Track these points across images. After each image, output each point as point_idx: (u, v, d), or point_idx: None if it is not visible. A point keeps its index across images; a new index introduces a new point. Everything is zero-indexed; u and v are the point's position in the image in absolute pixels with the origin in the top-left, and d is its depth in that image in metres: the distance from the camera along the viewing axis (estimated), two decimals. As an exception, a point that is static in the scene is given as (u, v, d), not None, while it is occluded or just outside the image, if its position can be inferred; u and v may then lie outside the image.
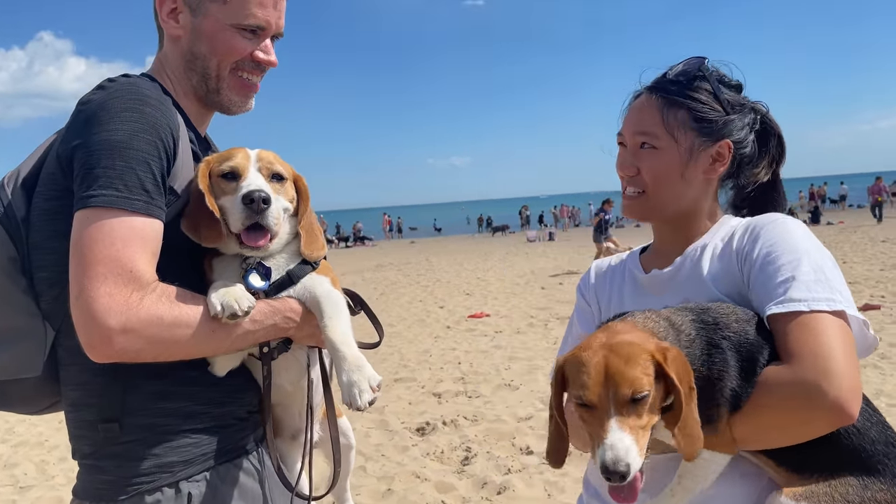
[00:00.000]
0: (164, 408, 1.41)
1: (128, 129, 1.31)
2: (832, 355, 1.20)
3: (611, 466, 1.11)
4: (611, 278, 1.71)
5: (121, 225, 1.28)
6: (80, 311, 1.25)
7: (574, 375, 1.19)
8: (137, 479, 1.37)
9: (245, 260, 1.47)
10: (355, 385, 1.36)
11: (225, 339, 1.37)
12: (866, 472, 1.25)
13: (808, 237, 1.40)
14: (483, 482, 4.68)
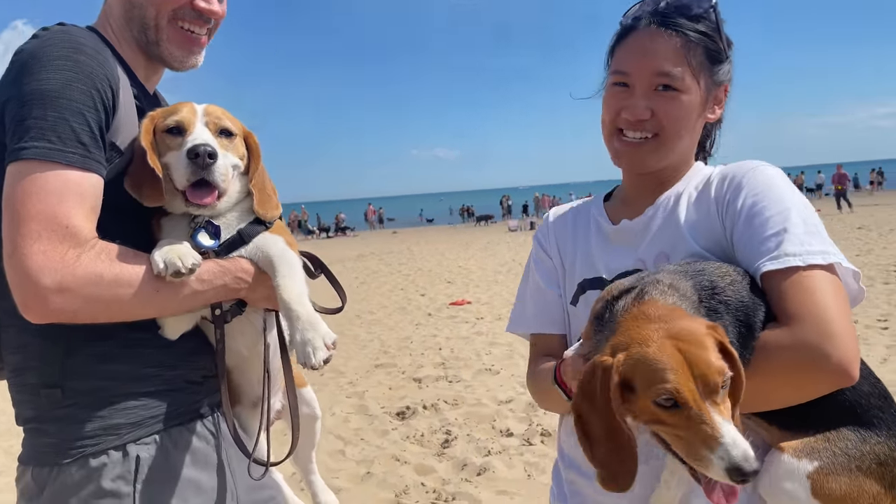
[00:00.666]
0: (110, 370, 1.35)
1: (61, 79, 1.24)
2: (832, 316, 1.15)
3: (746, 466, 0.97)
4: (572, 228, 1.60)
5: (55, 178, 1.21)
6: (13, 270, 1.19)
7: (648, 376, 1.03)
8: (81, 441, 1.31)
9: (193, 219, 1.41)
10: (309, 343, 1.30)
11: (171, 299, 1.31)
12: (863, 425, 1.22)
13: (790, 186, 1.34)
14: (463, 464, 4.65)
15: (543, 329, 1.56)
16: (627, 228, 1.46)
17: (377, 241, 32.80)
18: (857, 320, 7.76)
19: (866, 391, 1.24)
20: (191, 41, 1.52)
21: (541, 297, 1.58)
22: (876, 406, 1.23)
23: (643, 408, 1.06)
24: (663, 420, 1.04)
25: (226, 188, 1.40)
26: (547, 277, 1.58)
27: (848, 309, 1.21)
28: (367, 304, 12.36)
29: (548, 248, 1.61)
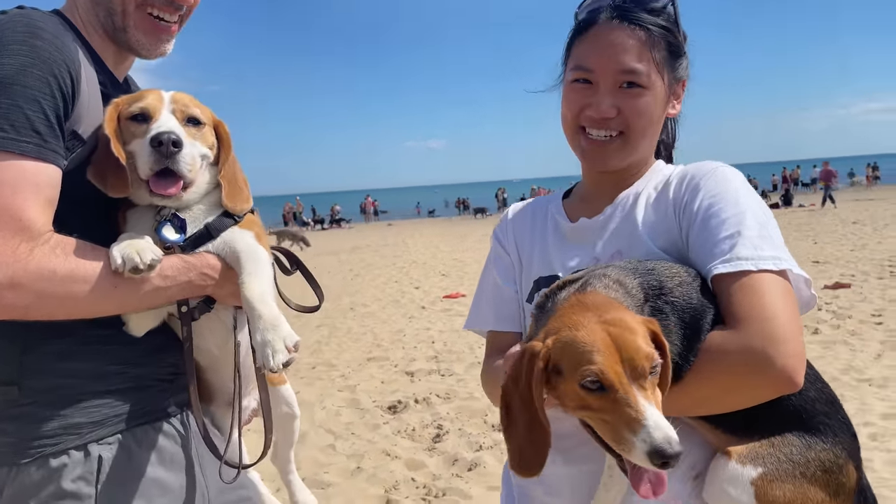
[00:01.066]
0: (69, 368, 1.30)
1: (15, 64, 1.18)
2: (779, 320, 1.13)
3: (668, 449, 0.95)
4: (530, 224, 1.56)
5: (9, 169, 1.15)
6: None
7: (575, 358, 1.03)
8: (40, 441, 1.26)
9: (159, 211, 1.36)
10: (269, 345, 1.25)
11: (130, 295, 1.26)
12: (808, 431, 1.20)
13: (748, 189, 1.32)
14: (454, 459, 4.61)
15: (499, 326, 1.54)
16: (585, 227, 1.43)
17: (372, 233, 32.73)
18: (852, 315, 7.76)
19: (812, 396, 1.21)
20: (159, 29, 1.46)
21: (497, 294, 1.56)
22: (822, 412, 1.21)
23: (570, 391, 1.04)
24: (590, 404, 1.04)
25: (192, 178, 1.34)
26: (504, 274, 1.55)
27: (797, 314, 1.18)
28: (360, 297, 12.31)
29: (506, 245, 1.58)
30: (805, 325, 7.50)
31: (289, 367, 1.26)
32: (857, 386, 5.41)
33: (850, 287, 9.45)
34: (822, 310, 8.16)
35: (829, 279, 10.14)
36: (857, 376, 5.65)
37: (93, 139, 1.33)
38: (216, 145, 1.43)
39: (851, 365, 5.95)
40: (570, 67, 1.42)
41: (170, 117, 1.34)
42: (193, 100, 1.41)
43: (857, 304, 8.41)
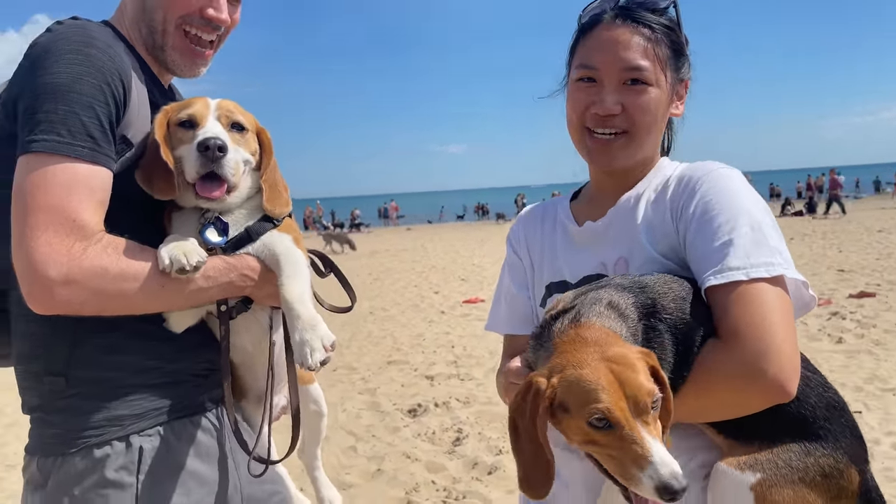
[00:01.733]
0: (114, 361, 1.36)
1: (71, 72, 1.24)
2: (771, 331, 1.15)
3: (675, 484, 0.98)
4: (541, 228, 1.58)
5: (63, 171, 1.21)
6: (20, 261, 1.20)
7: (581, 396, 1.05)
8: (85, 432, 1.32)
9: (203, 214, 1.41)
10: (307, 344, 1.30)
11: (176, 294, 1.31)
12: (808, 437, 1.22)
13: (746, 189, 1.32)
14: (474, 462, 4.63)
15: (514, 330, 1.57)
16: (590, 230, 1.44)
17: (391, 237, 32.84)
18: (876, 325, 7.67)
19: (812, 403, 1.23)
20: (195, 53, 1.52)
21: (512, 299, 1.59)
22: (823, 417, 1.23)
23: (577, 428, 1.07)
24: (596, 440, 1.06)
25: (236, 182, 1.39)
26: (518, 281, 1.58)
27: (790, 323, 1.19)
28: (380, 301, 12.37)
29: (518, 250, 1.61)
30: (829, 334, 7.44)
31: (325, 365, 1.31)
32: (882, 395, 5.36)
33: (874, 296, 9.33)
34: (846, 319, 8.08)
35: (854, 288, 10.02)
36: (882, 386, 5.60)
37: (141, 144, 1.39)
38: (258, 151, 1.48)
39: (876, 374, 5.89)
40: (575, 66, 1.43)
41: (215, 123, 1.39)
42: (238, 107, 1.46)
43: (881, 313, 8.31)
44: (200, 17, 1.47)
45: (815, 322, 8.04)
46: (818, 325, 7.91)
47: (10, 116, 1.29)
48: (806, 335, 7.45)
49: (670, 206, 1.34)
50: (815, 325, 7.87)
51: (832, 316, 8.28)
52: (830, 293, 9.83)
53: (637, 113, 1.35)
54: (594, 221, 1.44)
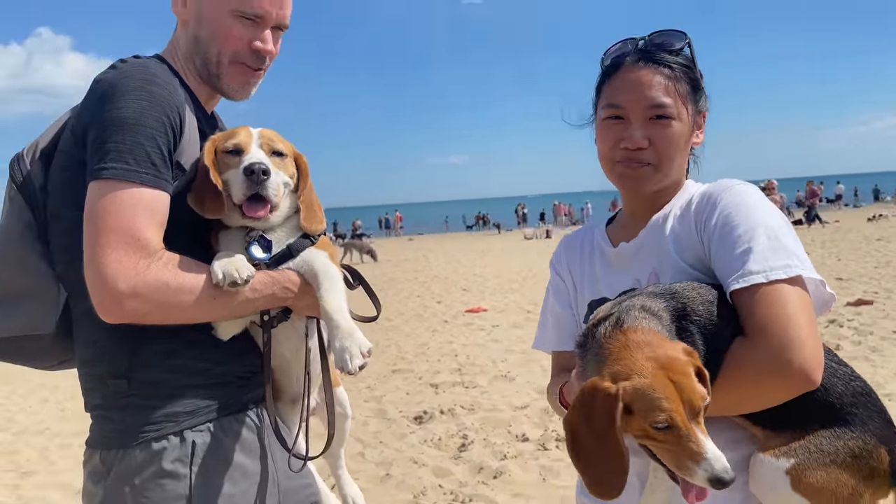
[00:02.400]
0: (170, 364, 1.50)
1: (137, 107, 1.39)
2: (793, 325, 1.27)
3: (726, 476, 1.13)
4: (580, 252, 1.72)
5: (130, 196, 1.36)
6: (92, 276, 1.34)
7: (647, 403, 1.17)
8: (145, 427, 1.46)
9: (248, 233, 1.55)
10: (347, 351, 1.44)
11: (226, 305, 1.46)
12: (837, 423, 1.33)
13: (762, 202, 1.45)
14: (479, 467, 4.76)
15: (561, 347, 1.70)
16: (624, 251, 1.59)
17: (393, 247, 32.99)
18: (873, 332, 7.80)
19: (839, 391, 1.35)
20: (248, 74, 1.67)
21: (557, 318, 1.73)
22: (849, 404, 1.34)
23: (638, 427, 1.20)
24: (655, 437, 1.19)
25: (277, 202, 1.54)
26: (562, 301, 1.72)
27: (811, 317, 1.31)
28: (384, 311, 12.35)
29: (561, 273, 1.75)
30: (827, 341, 7.54)
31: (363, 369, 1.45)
32: (877, 401, 5.48)
33: (872, 304, 9.46)
34: (843, 326, 8.22)
35: (852, 296, 10.15)
36: (878, 392, 5.70)
37: (192, 169, 1.53)
38: (296, 174, 1.63)
39: (872, 381, 5.90)
40: (602, 106, 1.57)
41: (259, 150, 1.54)
42: (277, 135, 1.61)
43: (879, 320, 8.45)
44: (250, 49, 1.63)
45: (812, 330, 8.18)
46: (816, 332, 8.05)
47: (80, 144, 1.44)
48: (804, 343, 7.58)
49: (694, 219, 1.48)
50: (812, 333, 8.01)
51: (830, 324, 8.41)
52: (828, 301, 9.98)
53: (664, 145, 1.50)
54: (627, 242, 1.58)
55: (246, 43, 1.62)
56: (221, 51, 1.61)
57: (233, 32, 1.60)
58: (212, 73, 1.63)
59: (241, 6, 1.58)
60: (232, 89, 1.67)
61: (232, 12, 1.58)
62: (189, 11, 1.61)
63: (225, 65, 1.62)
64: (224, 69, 1.63)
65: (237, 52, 1.62)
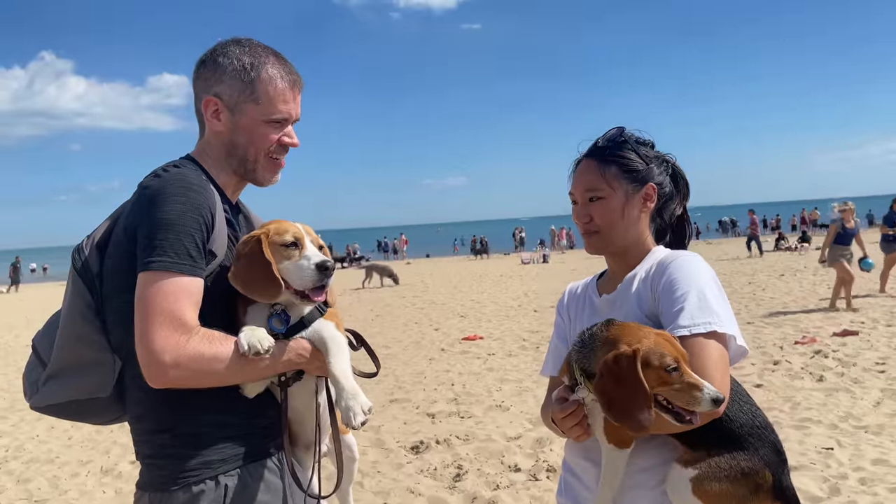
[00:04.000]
0: (206, 419, 1.77)
1: (177, 210, 1.69)
2: (708, 369, 1.64)
3: (720, 396, 1.56)
4: (577, 300, 2.12)
5: (172, 284, 1.65)
6: (142, 350, 1.62)
7: (659, 355, 1.58)
8: (185, 473, 1.72)
9: (273, 306, 1.83)
10: (351, 409, 1.71)
11: (251, 370, 1.74)
12: (736, 448, 1.69)
13: (699, 270, 1.81)
14: (473, 497, 4.98)
15: (555, 373, 2.07)
16: (606, 301, 1.99)
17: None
18: (857, 363, 8.04)
19: (741, 422, 1.72)
20: (278, 166, 1.99)
21: (556, 350, 2.14)
22: (748, 434, 1.71)
23: (654, 376, 1.58)
24: (668, 381, 1.58)
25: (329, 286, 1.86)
26: (560, 336, 2.14)
27: (723, 364, 1.68)
28: (382, 339, 12.73)
29: (563, 314, 2.17)
30: (811, 372, 7.80)
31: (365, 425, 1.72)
32: (854, 433, 5.72)
33: (857, 335, 9.70)
34: (829, 357, 8.46)
35: (839, 326, 10.41)
36: (855, 423, 5.96)
37: (228, 256, 1.82)
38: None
39: (851, 412, 6.25)
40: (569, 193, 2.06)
41: (313, 247, 1.85)
42: (312, 230, 1.93)
43: (863, 351, 8.69)
44: (280, 145, 1.95)
45: (798, 360, 8.42)
46: (801, 363, 8.29)
47: (131, 239, 1.73)
48: (790, 373, 7.83)
49: (651, 283, 1.87)
50: (798, 364, 8.25)
51: (815, 354, 8.66)
52: (816, 331, 10.21)
53: (598, 219, 1.95)
54: (608, 294, 1.98)
55: (276, 141, 1.94)
56: (258, 151, 1.92)
57: (267, 136, 1.92)
58: (248, 168, 1.94)
59: (270, 115, 1.90)
60: (265, 179, 1.99)
61: (264, 121, 1.90)
62: (224, 124, 1.90)
63: (261, 160, 1.94)
64: (259, 164, 1.94)
65: (271, 149, 1.94)
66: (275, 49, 1.95)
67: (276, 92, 1.90)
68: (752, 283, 17.36)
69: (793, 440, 5.62)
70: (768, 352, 9.03)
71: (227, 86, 1.88)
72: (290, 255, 1.82)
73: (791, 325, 11.02)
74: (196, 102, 1.93)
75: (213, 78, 1.89)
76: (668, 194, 2.03)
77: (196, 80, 1.93)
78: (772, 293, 15.24)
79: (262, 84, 1.88)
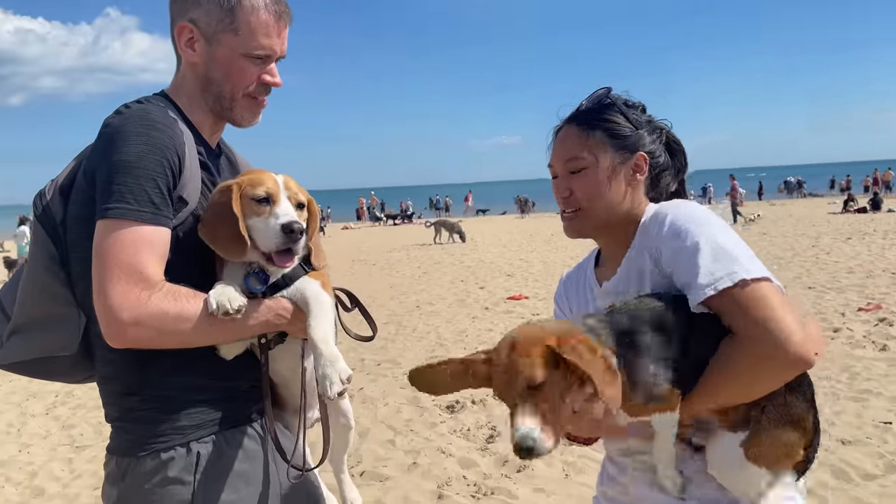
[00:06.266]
0: (177, 381, 1.64)
1: (137, 151, 1.53)
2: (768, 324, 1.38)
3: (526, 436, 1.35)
4: (576, 290, 1.88)
5: (132, 233, 1.50)
6: (99, 307, 1.48)
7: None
8: (154, 439, 1.61)
9: (249, 265, 1.67)
10: (327, 378, 1.55)
11: (222, 332, 1.59)
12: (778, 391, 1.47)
13: (699, 217, 1.54)
14: (504, 460, 4.86)
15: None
16: (604, 290, 1.73)
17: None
18: None
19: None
20: (258, 105, 1.80)
21: None
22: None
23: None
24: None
25: (300, 253, 1.67)
26: None
27: (777, 305, 1.40)
28: (426, 295, 12.69)
29: (562, 307, 1.95)
30: (874, 341, 7.36)
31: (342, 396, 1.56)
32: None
33: (928, 303, 9.13)
34: (893, 325, 7.97)
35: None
36: (920, 397, 5.58)
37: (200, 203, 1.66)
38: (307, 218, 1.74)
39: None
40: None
41: (288, 204, 1.66)
42: (297, 185, 1.73)
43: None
44: (260, 83, 1.76)
45: (860, 328, 7.96)
46: (864, 330, 7.83)
47: (90, 183, 1.58)
48: (850, 342, 7.40)
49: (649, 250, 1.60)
50: (860, 332, 7.79)
51: (879, 322, 8.16)
52: (882, 298, 9.63)
53: (579, 192, 1.68)
54: (608, 281, 1.72)
55: (256, 78, 1.75)
56: (235, 88, 1.74)
57: (245, 71, 1.73)
58: (224, 107, 1.76)
59: (250, 49, 1.70)
60: (244, 119, 1.80)
61: (243, 55, 1.71)
62: (199, 55, 1.72)
63: (238, 99, 1.75)
64: (237, 103, 1.76)
65: (250, 87, 1.75)
66: None
67: (259, 23, 1.70)
68: (815, 247, 16.55)
69: (850, 413, 5.30)
70: (828, 318, 8.55)
71: (204, 11, 1.69)
72: (261, 212, 1.64)
73: (855, 290, 10.41)
74: (171, 29, 1.75)
75: (190, 2, 1.70)
76: (661, 165, 1.75)
77: (172, 3, 1.75)
78: (836, 257, 14.47)
79: (244, 12, 1.68)
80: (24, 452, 5.68)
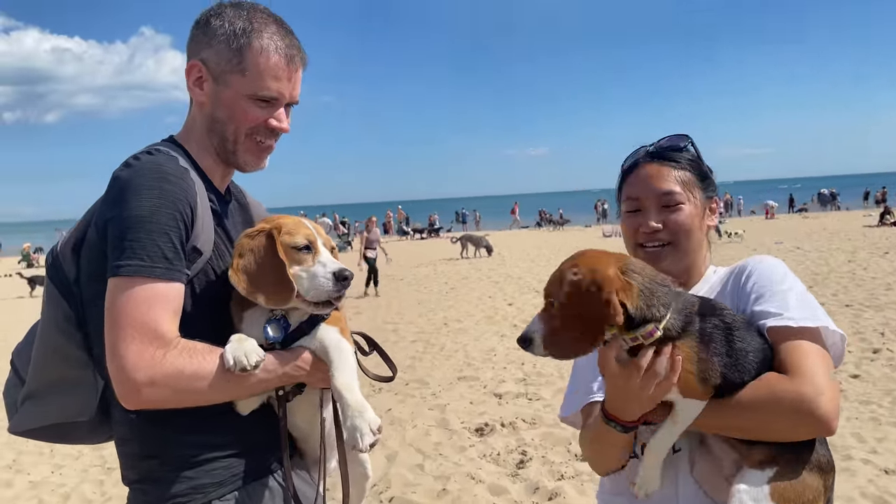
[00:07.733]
0: (195, 440, 1.59)
1: (150, 206, 1.49)
2: (820, 374, 1.43)
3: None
4: None
5: (145, 290, 1.46)
6: (113, 367, 1.44)
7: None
8: (175, 499, 1.55)
9: (272, 311, 1.63)
10: (357, 429, 1.50)
11: (239, 388, 1.54)
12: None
13: (787, 272, 1.66)
14: (535, 487, 4.77)
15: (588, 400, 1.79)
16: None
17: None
18: None
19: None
20: (263, 150, 1.76)
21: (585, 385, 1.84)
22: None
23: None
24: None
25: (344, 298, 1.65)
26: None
27: (831, 369, 1.48)
28: (454, 312, 12.60)
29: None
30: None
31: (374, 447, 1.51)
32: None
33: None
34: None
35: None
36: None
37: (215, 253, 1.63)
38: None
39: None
40: (623, 200, 1.80)
41: (327, 252, 1.64)
42: (323, 230, 1.71)
43: None
44: (265, 127, 1.71)
45: None
46: None
47: (102, 238, 1.54)
48: (891, 364, 7.17)
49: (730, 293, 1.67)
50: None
51: (922, 342, 7.91)
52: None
53: (675, 225, 1.70)
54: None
55: (262, 121, 1.71)
56: (238, 129, 1.69)
57: (249, 113, 1.69)
58: (228, 149, 1.72)
59: (257, 90, 1.67)
60: (246, 163, 1.76)
61: (248, 96, 1.67)
62: (206, 94, 1.69)
63: (241, 141, 1.71)
64: (241, 146, 1.71)
65: (254, 128, 1.71)
66: (282, 19, 1.72)
67: (268, 65, 1.66)
68: (851, 262, 16.13)
69: (891, 439, 5.11)
70: (867, 338, 8.29)
71: (214, 51, 1.66)
72: (302, 260, 1.62)
73: (895, 309, 10.13)
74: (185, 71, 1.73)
75: (203, 41, 1.68)
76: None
77: (188, 42, 1.73)
78: (874, 273, 14.08)
79: (252, 54, 1.65)
80: (57, 474, 5.73)
